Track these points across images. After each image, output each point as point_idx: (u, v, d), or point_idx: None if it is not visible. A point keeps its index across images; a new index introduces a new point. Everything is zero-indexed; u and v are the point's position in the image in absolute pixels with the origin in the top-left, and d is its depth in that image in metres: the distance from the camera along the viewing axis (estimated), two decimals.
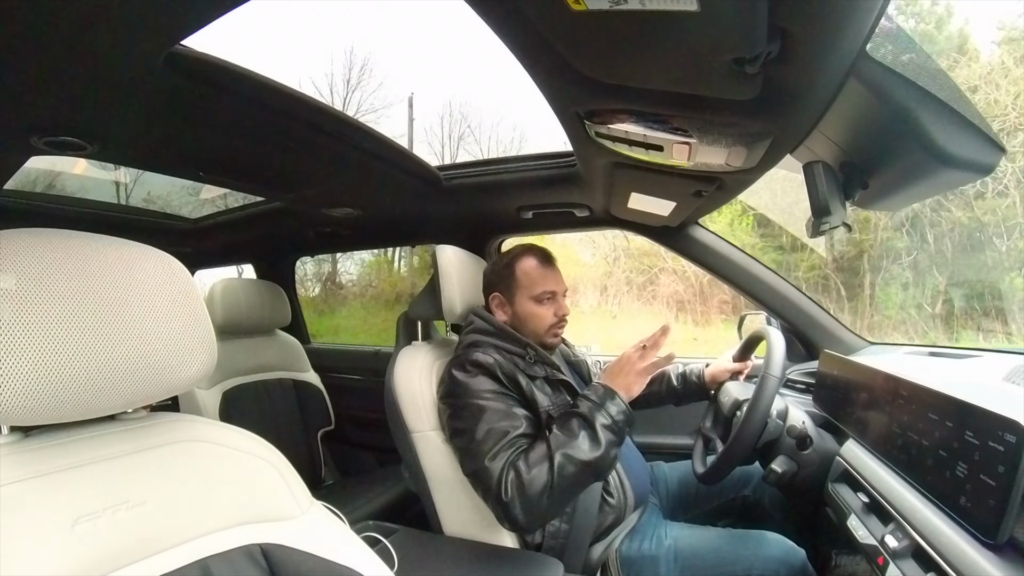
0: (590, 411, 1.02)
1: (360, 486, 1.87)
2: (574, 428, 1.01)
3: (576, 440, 0.99)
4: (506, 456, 1.01)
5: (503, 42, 0.70)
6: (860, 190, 0.97)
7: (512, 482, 0.98)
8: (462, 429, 1.07)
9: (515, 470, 0.99)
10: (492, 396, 1.08)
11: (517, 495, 0.97)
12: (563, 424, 1.02)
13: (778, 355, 1.07)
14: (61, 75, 0.75)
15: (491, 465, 1.00)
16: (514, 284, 1.25)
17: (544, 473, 0.97)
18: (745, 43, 0.57)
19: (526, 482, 0.97)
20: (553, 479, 0.96)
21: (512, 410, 1.08)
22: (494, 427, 1.04)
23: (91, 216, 1.74)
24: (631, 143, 0.94)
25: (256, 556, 0.56)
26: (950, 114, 0.72)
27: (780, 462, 1.05)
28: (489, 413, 1.06)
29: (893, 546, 0.71)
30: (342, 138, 1.11)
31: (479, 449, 1.02)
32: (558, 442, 0.99)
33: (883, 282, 6.49)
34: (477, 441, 1.03)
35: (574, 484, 0.99)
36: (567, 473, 0.97)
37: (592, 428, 1.00)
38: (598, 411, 1.02)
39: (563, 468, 0.97)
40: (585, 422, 1.01)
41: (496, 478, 0.99)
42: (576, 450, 0.98)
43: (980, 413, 0.64)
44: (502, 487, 0.98)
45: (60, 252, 0.48)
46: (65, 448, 0.51)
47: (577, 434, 0.99)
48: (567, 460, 0.97)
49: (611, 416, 1.02)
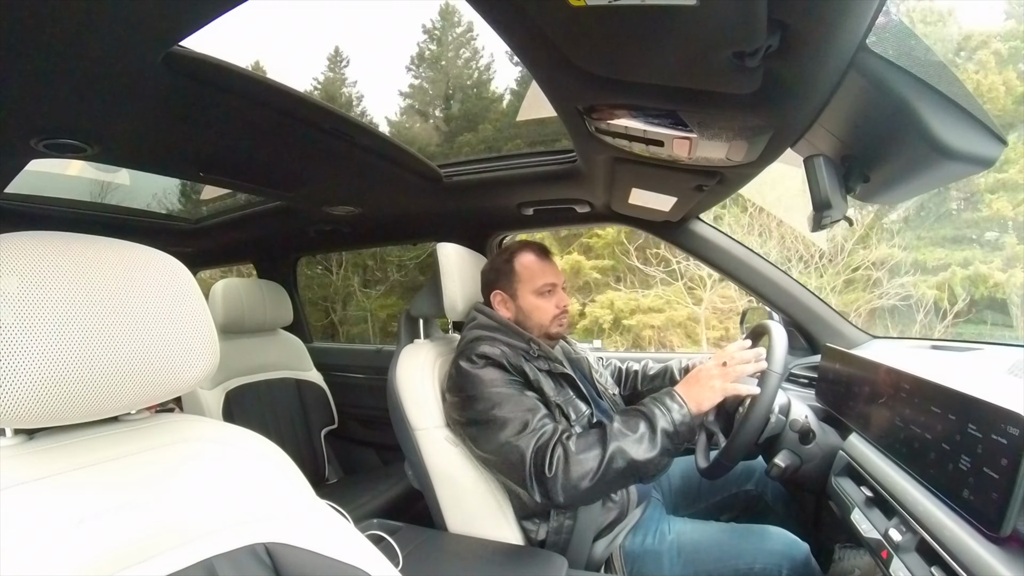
0: (654, 414, 1.02)
1: (364, 484, 1.88)
2: (635, 425, 1.01)
3: (633, 437, 0.99)
4: (536, 435, 1.03)
5: (502, 38, 0.70)
6: (861, 183, 0.96)
7: (559, 459, 0.99)
8: (477, 419, 1.09)
9: (564, 448, 1.01)
10: (503, 384, 1.10)
11: (561, 473, 0.98)
12: (625, 419, 1.03)
13: (780, 350, 1.07)
14: (60, 77, 0.74)
15: (520, 442, 1.02)
16: (515, 279, 1.26)
17: (593, 460, 0.98)
18: (745, 37, 0.57)
19: (573, 463, 0.98)
20: (600, 468, 0.97)
21: (525, 393, 1.10)
22: (514, 410, 1.06)
23: (92, 218, 1.75)
24: (631, 138, 0.94)
25: (261, 555, 0.56)
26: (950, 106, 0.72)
27: (783, 456, 1.05)
28: (505, 398, 1.08)
29: (897, 540, 0.71)
30: (341, 136, 1.11)
31: (502, 430, 1.04)
32: (615, 434, 1.00)
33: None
34: (498, 423, 1.05)
35: (618, 479, 1.00)
36: (615, 467, 0.97)
37: (653, 430, 1.00)
38: (663, 415, 1.01)
39: (613, 460, 0.98)
40: (648, 423, 1.01)
41: (531, 453, 1.01)
42: (630, 447, 0.98)
43: (983, 406, 0.64)
44: (546, 462, 0.99)
45: (61, 254, 0.48)
46: (69, 450, 0.51)
47: (636, 432, 1.00)
48: (619, 454, 0.98)
49: (673, 423, 1.00)
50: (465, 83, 11.33)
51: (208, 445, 0.60)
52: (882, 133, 0.83)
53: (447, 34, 11.58)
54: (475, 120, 10.58)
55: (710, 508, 1.36)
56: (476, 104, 10.94)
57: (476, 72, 11.44)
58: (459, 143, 10.16)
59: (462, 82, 11.34)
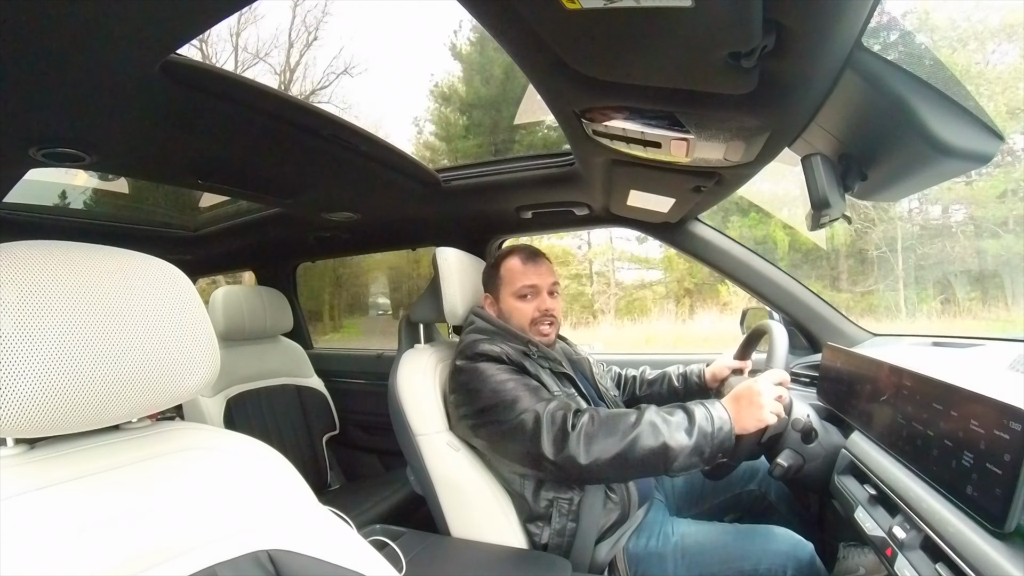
0: (695, 411, 1.00)
1: (366, 490, 1.88)
2: (674, 413, 1.00)
3: (669, 420, 0.98)
4: (550, 401, 1.04)
5: (498, 42, 0.70)
6: (859, 181, 0.97)
7: (585, 422, 0.99)
8: (484, 406, 1.10)
9: (591, 415, 1.00)
10: (504, 372, 1.11)
11: (584, 434, 0.98)
12: (667, 409, 1.02)
13: (781, 349, 1.07)
14: (57, 87, 0.75)
15: (536, 407, 1.04)
16: (499, 281, 1.28)
17: (622, 427, 0.98)
18: (740, 37, 0.57)
19: (599, 428, 0.98)
20: (628, 438, 0.96)
21: (527, 379, 1.12)
22: (519, 390, 1.08)
23: (90, 227, 1.75)
24: (629, 140, 0.94)
25: (264, 562, 0.56)
26: (947, 103, 0.72)
27: (786, 456, 1.05)
28: (510, 384, 1.09)
29: (901, 537, 0.71)
30: (339, 142, 1.12)
31: (514, 405, 1.06)
32: (651, 415, 0.99)
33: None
34: (507, 402, 1.06)
35: (643, 458, 0.97)
36: (643, 443, 0.96)
37: (691, 424, 0.98)
38: (704, 414, 0.99)
39: (642, 436, 0.96)
40: (688, 417, 0.99)
41: (548, 415, 1.01)
42: (664, 429, 0.97)
43: (985, 402, 0.64)
44: (569, 422, 0.99)
45: (61, 264, 0.48)
46: (70, 459, 0.51)
47: (673, 418, 0.99)
48: (651, 431, 0.96)
49: (712, 424, 0.97)
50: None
51: (209, 453, 0.60)
52: (879, 131, 0.84)
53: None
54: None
55: (713, 509, 1.36)
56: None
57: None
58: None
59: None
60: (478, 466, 1.17)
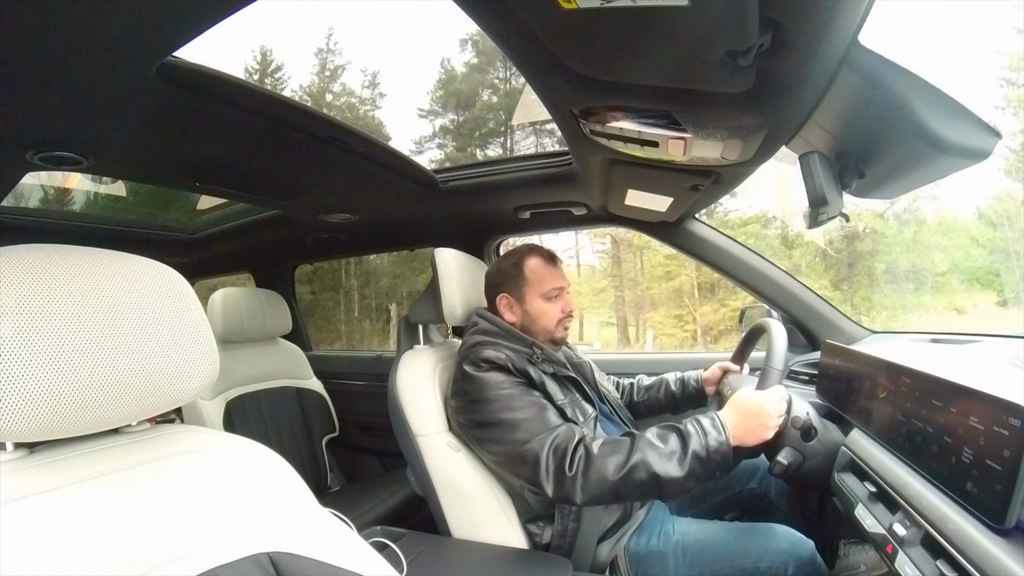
0: (689, 433, 0.99)
1: (366, 491, 1.88)
2: (667, 440, 1.00)
3: (663, 451, 0.98)
4: (551, 434, 1.04)
5: (495, 42, 0.70)
6: (857, 179, 0.97)
7: (581, 459, 1.00)
8: (485, 421, 1.09)
9: (587, 450, 1.01)
10: (509, 386, 1.11)
11: (581, 474, 0.99)
12: (661, 432, 1.02)
13: (780, 347, 1.07)
14: (54, 90, 0.75)
15: (534, 442, 1.04)
16: (523, 283, 1.26)
17: (614, 465, 0.98)
18: (737, 36, 0.57)
19: (594, 465, 0.99)
20: (620, 475, 0.97)
21: (532, 393, 1.11)
22: (524, 410, 1.07)
23: (88, 230, 1.75)
24: (626, 140, 0.94)
25: (264, 564, 0.56)
26: (944, 100, 0.72)
27: (785, 454, 1.05)
28: (512, 399, 1.08)
29: (902, 534, 0.71)
30: (337, 143, 1.11)
31: (514, 431, 1.05)
32: (644, 445, 0.99)
33: None
34: (508, 425, 1.06)
35: (636, 490, 0.99)
36: (635, 478, 0.97)
37: (684, 450, 0.97)
38: (699, 438, 0.98)
39: (635, 471, 0.97)
40: (681, 442, 0.99)
41: (548, 452, 1.02)
42: (656, 461, 0.97)
43: (984, 398, 0.64)
44: (567, 461, 1.00)
45: (59, 267, 0.48)
46: (70, 463, 0.51)
47: (666, 447, 0.98)
48: (642, 466, 0.97)
49: (707, 448, 0.97)
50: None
51: (209, 456, 0.60)
52: (876, 128, 0.84)
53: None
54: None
55: (714, 507, 1.36)
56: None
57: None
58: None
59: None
60: (478, 466, 1.17)
